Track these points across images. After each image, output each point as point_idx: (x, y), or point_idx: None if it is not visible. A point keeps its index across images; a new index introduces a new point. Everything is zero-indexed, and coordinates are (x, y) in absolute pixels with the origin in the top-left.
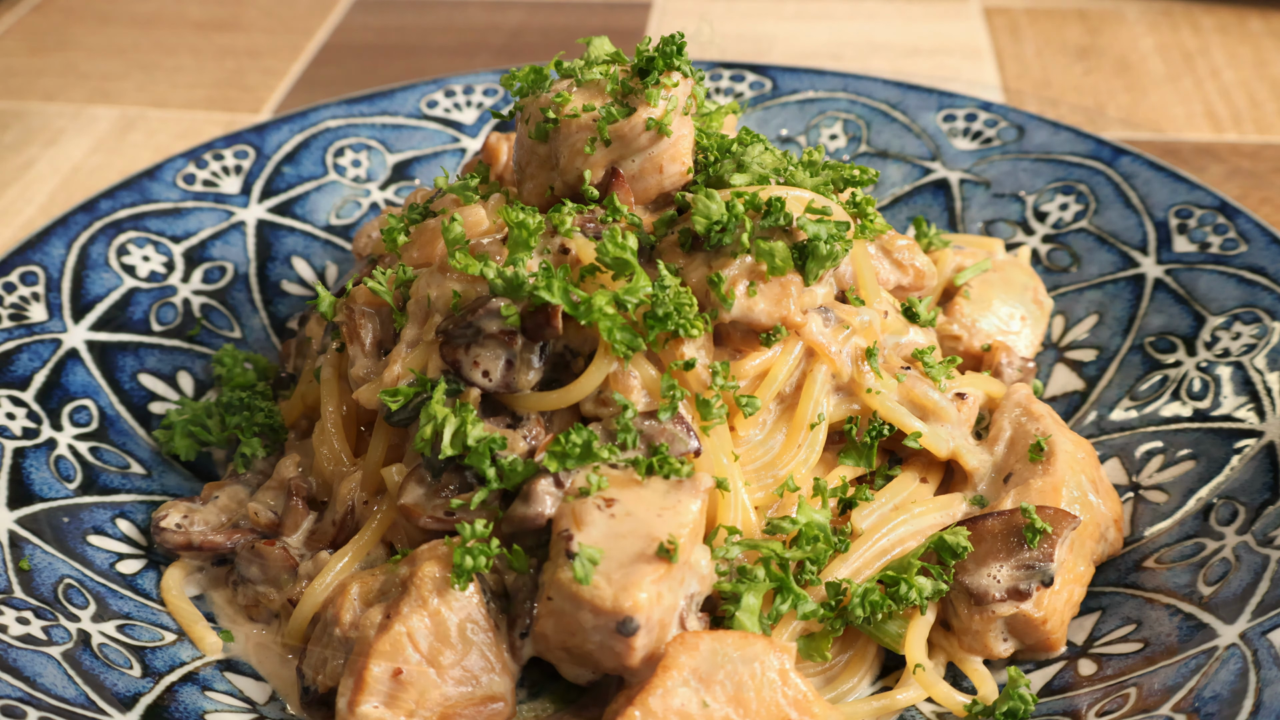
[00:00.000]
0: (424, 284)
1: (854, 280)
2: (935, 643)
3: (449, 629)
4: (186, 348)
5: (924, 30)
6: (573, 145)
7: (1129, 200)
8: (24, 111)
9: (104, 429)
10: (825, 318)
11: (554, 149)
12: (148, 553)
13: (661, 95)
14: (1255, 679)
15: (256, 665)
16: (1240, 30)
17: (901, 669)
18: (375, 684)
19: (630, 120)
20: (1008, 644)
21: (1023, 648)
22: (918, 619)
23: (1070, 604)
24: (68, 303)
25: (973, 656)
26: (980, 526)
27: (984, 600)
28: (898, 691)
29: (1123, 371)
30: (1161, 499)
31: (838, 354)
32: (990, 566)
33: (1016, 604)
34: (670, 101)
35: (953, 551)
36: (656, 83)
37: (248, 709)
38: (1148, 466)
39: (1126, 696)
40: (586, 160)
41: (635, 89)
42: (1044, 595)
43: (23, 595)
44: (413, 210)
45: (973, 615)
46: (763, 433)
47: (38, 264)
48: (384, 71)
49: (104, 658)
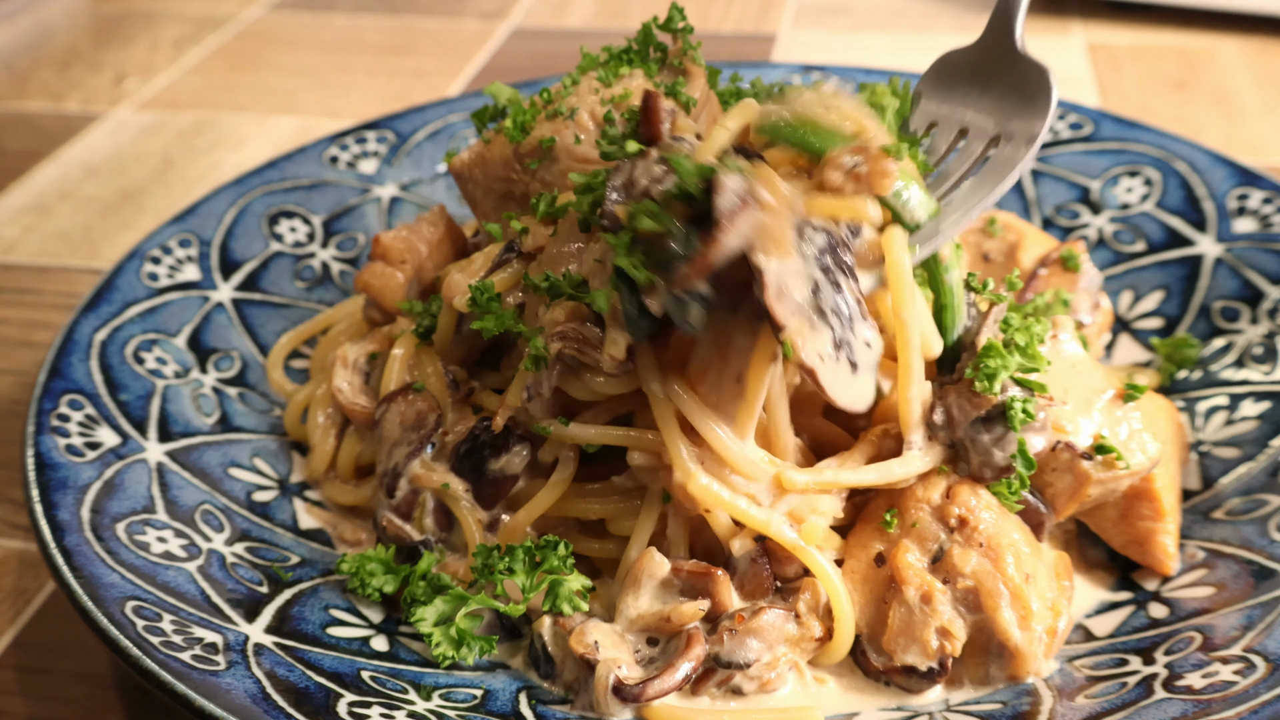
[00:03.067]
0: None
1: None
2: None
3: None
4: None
5: None
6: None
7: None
8: (217, 120)
9: (243, 374)
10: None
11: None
12: (281, 486)
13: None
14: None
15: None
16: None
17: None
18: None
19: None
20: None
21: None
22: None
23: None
24: (217, 263)
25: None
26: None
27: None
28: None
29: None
30: (1229, 454)
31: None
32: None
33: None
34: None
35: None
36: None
37: (364, 624)
38: (1211, 423)
39: (1193, 638)
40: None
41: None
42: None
43: (165, 517)
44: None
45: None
46: None
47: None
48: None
49: (234, 573)
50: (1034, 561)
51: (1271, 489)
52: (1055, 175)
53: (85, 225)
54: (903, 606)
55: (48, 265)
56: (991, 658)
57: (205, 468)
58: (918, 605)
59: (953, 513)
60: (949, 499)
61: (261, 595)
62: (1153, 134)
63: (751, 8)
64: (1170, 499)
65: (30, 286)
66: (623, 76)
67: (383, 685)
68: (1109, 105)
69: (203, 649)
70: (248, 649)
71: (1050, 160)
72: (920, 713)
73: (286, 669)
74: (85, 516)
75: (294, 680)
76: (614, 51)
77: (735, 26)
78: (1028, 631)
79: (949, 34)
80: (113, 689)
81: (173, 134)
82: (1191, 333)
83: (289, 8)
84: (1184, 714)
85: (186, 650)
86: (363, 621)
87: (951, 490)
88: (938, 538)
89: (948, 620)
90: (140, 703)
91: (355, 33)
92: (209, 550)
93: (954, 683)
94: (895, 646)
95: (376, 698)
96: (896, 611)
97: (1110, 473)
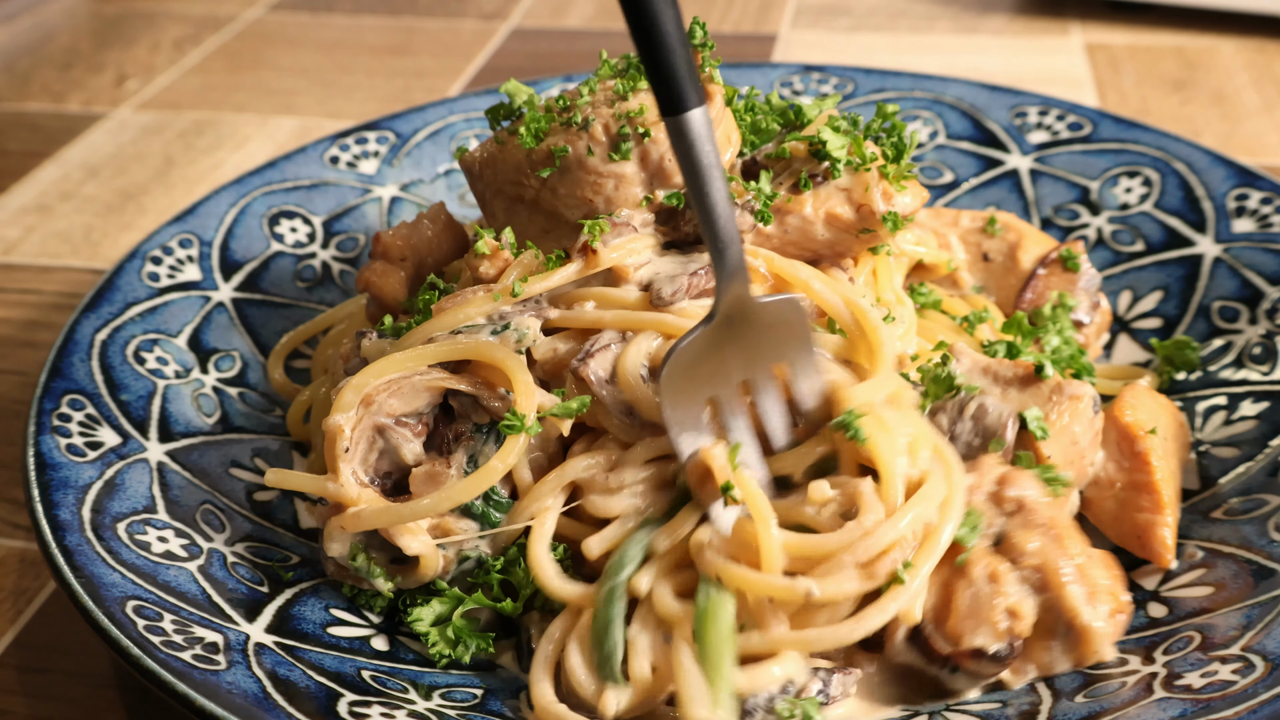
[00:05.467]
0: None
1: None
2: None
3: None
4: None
5: (1028, 63)
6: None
7: (1189, 185)
8: (218, 120)
9: (244, 375)
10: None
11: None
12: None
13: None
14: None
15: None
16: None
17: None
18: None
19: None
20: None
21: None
22: None
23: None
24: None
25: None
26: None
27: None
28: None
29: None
30: (1228, 454)
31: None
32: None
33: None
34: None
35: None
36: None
37: (364, 624)
38: (1210, 423)
39: (1192, 638)
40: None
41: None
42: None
43: (166, 517)
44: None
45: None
46: None
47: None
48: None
49: (235, 573)
50: (1086, 547)
51: (1270, 489)
52: (1054, 175)
53: (86, 225)
54: (970, 587)
55: (48, 265)
56: (1058, 639)
57: (206, 468)
58: (985, 584)
59: (1007, 497)
60: (1002, 485)
61: (262, 595)
62: (1152, 134)
63: (751, 8)
64: (1170, 492)
65: (31, 286)
66: (639, 91)
67: (383, 685)
68: (1108, 105)
69: (203, 648)
70: (248, 648)
71: (1049, 160)
72: (920, 712)
73: (287, 668)
74: (86, 516)
75: (294, 680)
76: (632, 60)
77: (735, 26)
78: (1095, 610)
79: (949, 34)
80: (113, 689)
81: (173, 134)
82: (1190, 333)
83: (289, 8)
84: (1183, 714)
85: (187, 650)
86: (363, 621)
87: (1004, 478)
88: (994, 522)
89: (1015, 600)
90: (140, 703)
91: (355, 33)
92: (210, 550)
93: (1019, 669)
94: (963, 629)
95: (377, 697)
96: (963, 593)
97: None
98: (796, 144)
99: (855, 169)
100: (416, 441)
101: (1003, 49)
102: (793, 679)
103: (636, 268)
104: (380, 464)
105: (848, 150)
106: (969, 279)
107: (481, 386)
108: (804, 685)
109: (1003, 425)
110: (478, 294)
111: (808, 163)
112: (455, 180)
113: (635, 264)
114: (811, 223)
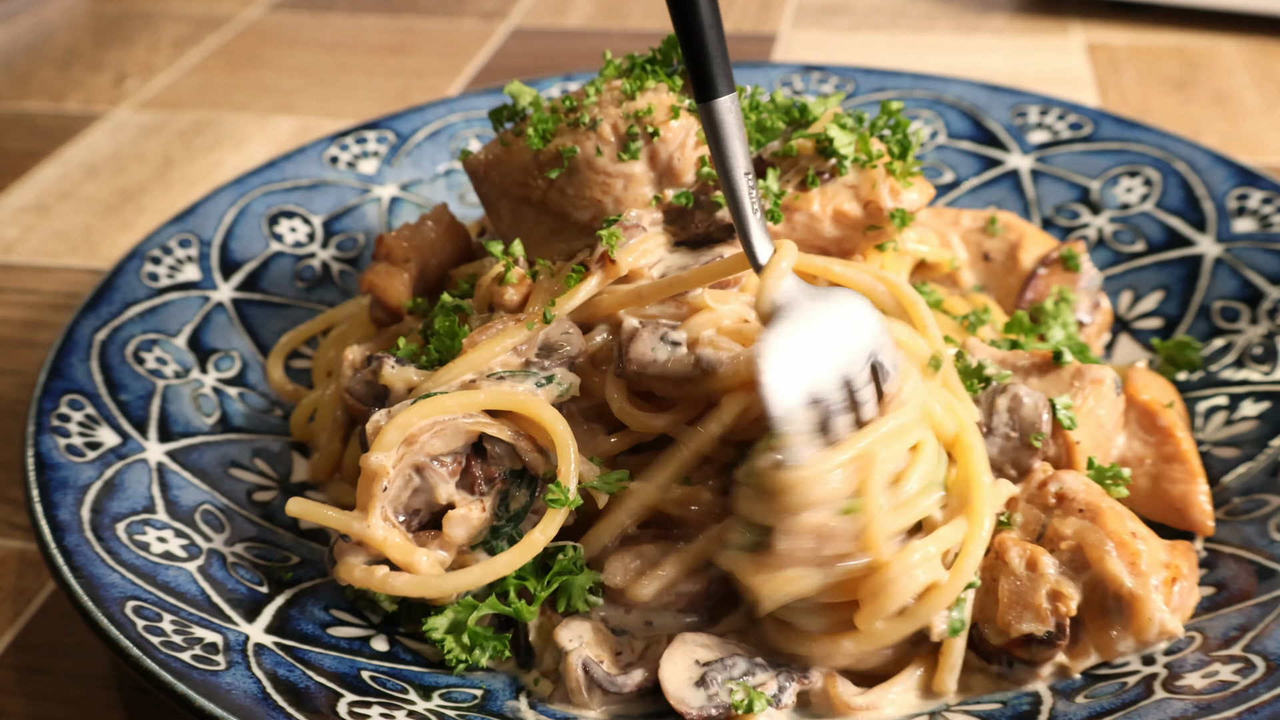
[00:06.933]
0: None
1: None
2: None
3: None
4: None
5: (1029, 62)
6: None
7: (1190, 185)
8: (217, 120)
9: (243, 375)
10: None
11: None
12: (281, 486)
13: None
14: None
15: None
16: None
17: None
18: None
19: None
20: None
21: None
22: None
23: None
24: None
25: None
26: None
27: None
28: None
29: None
30: (1229, 454)
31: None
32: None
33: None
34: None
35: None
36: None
37: (364, 624)
38: (1211, 423)
39: (1193, 638)
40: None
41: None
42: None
43: (165, 517)
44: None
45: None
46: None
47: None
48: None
49: (234, 573)
50: (1131, 522)
51: (1271, 489)
52: (1055, 175)
53: (85, 225)
54: (1010, 577)
55: (48, 265)
56: (1111, 616)
57: (205, 468)
58: (1024, 572)
59: (1049, 493)
60: (1043, 487)
61: (262, 595)
62: (1152, 134)
63: (751, 7)
64: (1197, 461)
65: (30, 286)
66: (647, 90)
67: (383, 685)
68: (1109, 105)
69: (203, 649)
70: (248, 649)
71: (1050, 160)
72: (921, 712)
73: (287, 669)
74: (85, 516)
75: (294, 680)
76: (638, 60)
77: (735, 26)
78: (1139, 577)
79: (949, 33)
80: (113, 689)
81: (173, 134)
82: (1191, 333)
83: (289, 8)
84: (1184, 714)
85: (187, 650)
86: (363, 621)
87: (1044, 481)
88: (1039, 520)
89: (1056, 581)
90: (140, 703)
91: (355, 33)
92: (209, 550)
93: (1080, 654)
94: (1010, 619)
95: (376, 698)
96: (1005, 584)
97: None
98: (803, 142)
99: (862, 166)
100: (450, 482)
101: (1003, 49)
102: (760, 670)
103: (650, 266)
104: (413, 501)
105: (855, 147)
106: (969, 278)
107: (520, 437)
108: (763, 681)
109: (1039, 415)
110: (508, 324)
111: (815, 160)
112: (455, 180)
113: (648, 264)
114: (819, 220)
